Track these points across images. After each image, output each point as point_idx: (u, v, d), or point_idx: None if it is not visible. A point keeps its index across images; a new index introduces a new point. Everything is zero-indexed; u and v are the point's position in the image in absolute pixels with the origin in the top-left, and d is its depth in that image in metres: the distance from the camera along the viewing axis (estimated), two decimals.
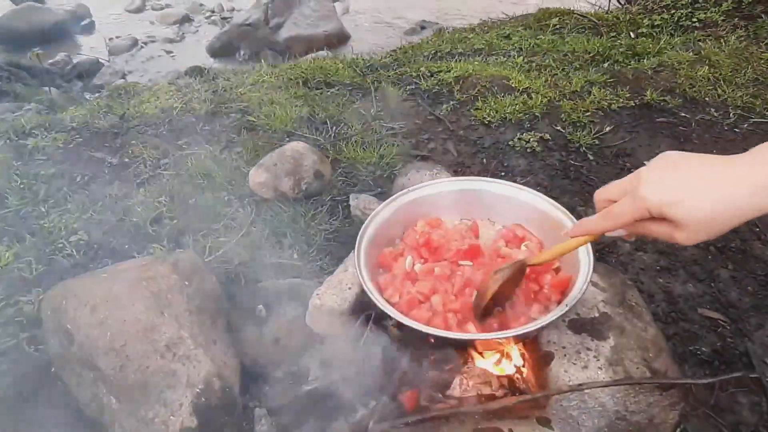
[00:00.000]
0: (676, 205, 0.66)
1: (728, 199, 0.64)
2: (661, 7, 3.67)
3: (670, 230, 0.69)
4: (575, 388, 1.13)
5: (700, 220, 0.65)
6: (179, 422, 1.05)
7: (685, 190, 0.66)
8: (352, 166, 2.11)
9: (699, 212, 0.65)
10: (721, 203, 0.64)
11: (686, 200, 0.65)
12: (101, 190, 2.06)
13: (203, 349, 1.13)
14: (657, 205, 0.68)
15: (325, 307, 1.30)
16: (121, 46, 6.74)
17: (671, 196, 0.67)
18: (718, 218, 0.64)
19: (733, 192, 0.64)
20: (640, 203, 0.69)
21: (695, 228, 0.66)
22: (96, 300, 1.11)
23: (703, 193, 0.65)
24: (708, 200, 0.64)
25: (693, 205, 0.65)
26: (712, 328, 1.59)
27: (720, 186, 0.64)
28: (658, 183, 0.69)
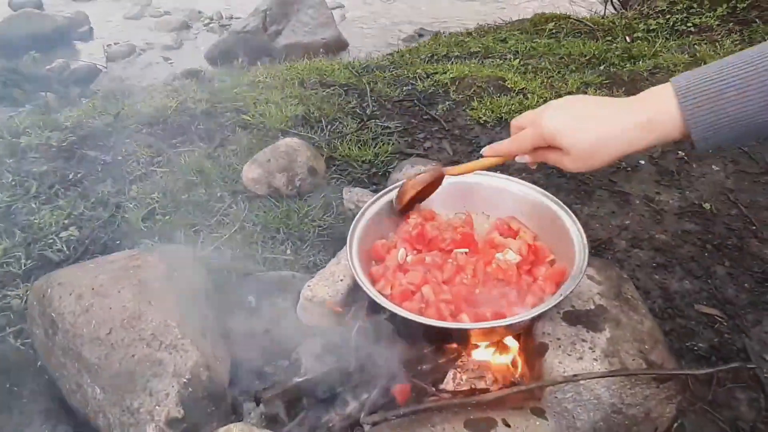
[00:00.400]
0: (564, 134, 0.79)
1: (604, 135, 0.76)
2: (656, 12, 3.70)
3: (560, 157, 0.82)
4: (570, 379, 1.11)
5: (582, 150, 0.78)
6: (165, 412, 1.02)
7: (575, 123, 0.79)
8: (346, 163, 2.10)
9: (581, 143, 0.78)
10: (599, 137, 0.77)
11: (573, 132, 0.79)
12: (93, 187, 2.04)
13: (191, 339, 1.11)
14: (550, 134, 0.81)
15: (317, 299, 1.28)
16: (119, 52, 6.76)
17: (562, 127, 0.80)
18: (597, 150, 0.77)
19: (609, 129, 0.76)
20: (538, 130, 0.83)
21: (577, 156, 0.79)
22: (82, 288, 1.09)
23: (588, 128, 0.78)
24: (591, 134, 0.77)
25: (577, 137, 0.78)
26: (708, 324, 1.57)
27: (603, 123, 0.77)
28: (555, 116, 0.82)
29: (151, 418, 1.02)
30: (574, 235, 1.30)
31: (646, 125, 0.74)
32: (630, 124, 0.75)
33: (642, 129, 0.74)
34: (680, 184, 2.10)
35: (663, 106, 0.72)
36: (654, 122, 0.73)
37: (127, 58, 6.71)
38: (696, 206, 2.00)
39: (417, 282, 1.26)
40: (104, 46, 6.78)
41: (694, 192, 2.07)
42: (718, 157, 2.24)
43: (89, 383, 1.07)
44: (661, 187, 2.08)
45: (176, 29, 7.32)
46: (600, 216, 1.94)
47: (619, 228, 1.89)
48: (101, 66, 6.28)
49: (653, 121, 0.73)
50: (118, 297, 1.08)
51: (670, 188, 2.08)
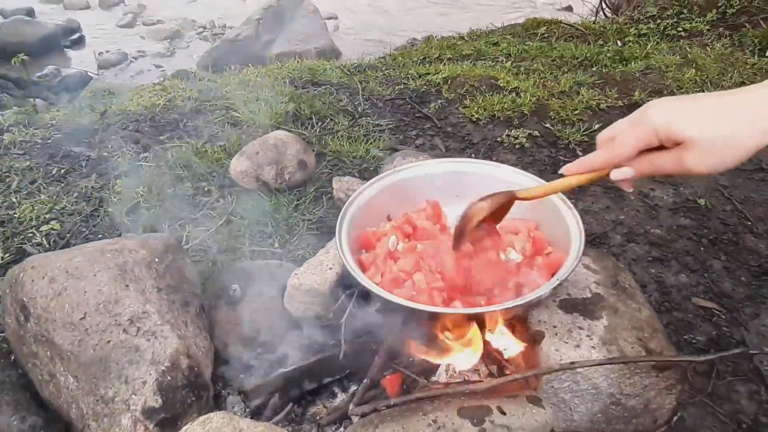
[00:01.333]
0: (685, 123, 0.62)
1: (737, 120, 0.61)
2: (647, 17, 3.72)
3: (678, 156, 0.64)
4: (567, 367, 1.06)
5: (713, 141, 0.61)
6: (141, 401, 0.97)
7: (695, 111, 0.63)
8: (337, 159, 2.06)
9: (712, 132, 0.61)
10: (730, 124, 0.61)
11: (697, 118, 0.62)
12: (77, 183, 1.99)
13: (171, 326, 1.06)
14: (665, 125, 0.64)
15: (304, 287, 1.24)
16: (110, 60, 6.73)
17: (680, 116, 0.63)
18: (729, 139, 0.61)
19: (742, 112, 0.61)
20: (646, 126, 0.65)
21: (707, 148, 0.62)
22: (55, 271, 1.03)
23: (711, 114, 0.62)
24: (716, 120, 0.61)
25: (705, 126, 0.61)
26: (706, 317, 1.54)
27: (727, 109, 0.62)
28: (666, 107, 0.66)
29: (126, 408, 0.97)
30: (570, 221, 1.26)
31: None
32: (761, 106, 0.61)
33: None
34: (674, 181, 2.08)
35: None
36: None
37: (118, 65, 6.68)
38: (691, 202, 1.97)
39: (408, 269, 1.21)
40: (96, 53, 6.75)
41: (689, 188, 2.05)
42: None
43: (62, 372, 1.01)
44: (655, 183, 2.06)
45: (169, 37, 7.31)
46: (594, 211, 1.91)
47: (614, 223, 1.86)
48: (92, 73, 6.24)
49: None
50: (93, 280, 1.03)
51: (664, 184, 2.06)
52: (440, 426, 0.97)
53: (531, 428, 1.01)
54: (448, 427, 0.97)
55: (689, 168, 0.64)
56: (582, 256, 1.19)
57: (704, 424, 1.25)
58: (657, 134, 0.65)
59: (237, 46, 6.66)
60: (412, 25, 7.26)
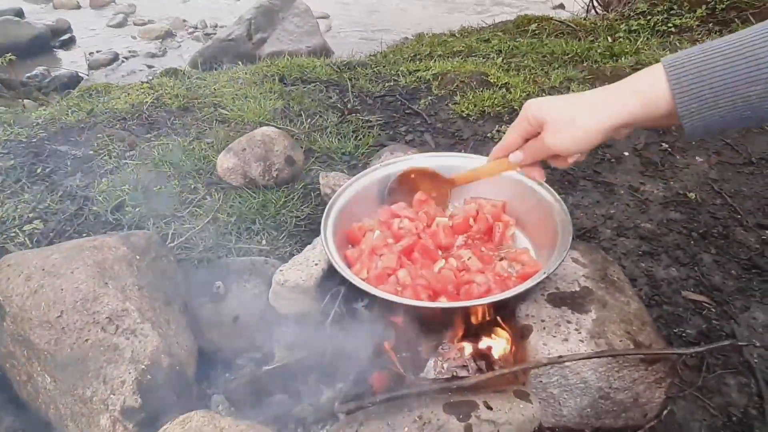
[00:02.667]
0: (546, 110, 0.82)
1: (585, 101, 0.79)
2: (637, 13, 3.73)
3: (540, 137, 0.84)
4: (555, 361, 1.05)
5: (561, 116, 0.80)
6: (120, 401, 0.95)
7: (553, 101, 0.83)
8: (326, 155, 2.05)
9: (560, 109, 0.81)
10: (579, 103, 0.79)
11: (552, 106, 0.82)
12: (62, 181, 1.96)
13: (151, 324, 1.04)
14: (533, 113, 0.84)
15: (290, 284, 1.22)
16: (101, 60, 6.67)
17: (543, 106, 0.83)
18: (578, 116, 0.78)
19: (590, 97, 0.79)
20: (523, 115, 0.86)
21: (558, 124, 0.80)
22: (31, 269, 1.01)
23: (564, 103, 0.82)
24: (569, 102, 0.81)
25: (557, 109, 0.81)
26: (696, 310, 1.53)
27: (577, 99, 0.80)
28: (536, 101, 0.85)
29: (105, 408, 0.94)
30: (558, 214, 1.25)
31: (631, 94, 0.74)
32: (613, 92, 0.76)
33: (626, 97, 0.74)
34: (664, 175, 2.07)
35: (650, 79, 0.72)
36: (639, 92, 0.73)
37: (109, 66, 6.63)
38: (681, 196, 1.97)
39: (393, 266, 1.20)
40: (86, 54, 6.69)
41: (679, 182, 2.04)
42: (701, 149, 2.22)
43: (39, 372, 0.99)
44: (645, 178, 2.05)
45: (160, 37, 7.26)
46: (584, 206, 1.90)
47: (604, 217, 1.85)
48: (83, 74, 6.18)
49: (639, 91, 0.73)
50: (70, 277, 1.00)
51: (654, 179, 2.05)
52: (426, 422, 0.96)
53: (518, 423, 1.00)
54: (433, 423, 0.95)
55: (547, 144, 0.82)
56: (570, 249, 1.19)
57: (694, 417, 1.24)
58: (529, 121, 0.85)
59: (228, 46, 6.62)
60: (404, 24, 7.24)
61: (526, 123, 0.86)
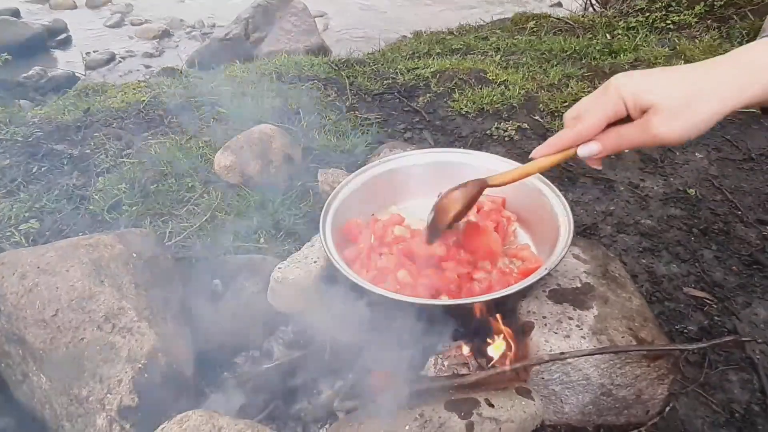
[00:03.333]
0: (651, 90, 0.65)
1: (699, 85, 0.64)
2: (635, 10, 3.72)
3: (645, 123, 0.65)
4: (557, 357, 1.04)
5: (677, 103, 0.63)
6: (117, 401, 0.93)
7: (657, 79, 0.66)
8: (324, 153, 2.03)
9: (674, 94, 0.64)
10: (693, 87, 0.64)
11: (660, 85, 0.65)
12: (58, 180, 1.94)
13: (148, 323, 1.02)
14: (632, 93, 0.65)
15: (288, 281, 1.20)
16: (98, 60, 6.64)
17: (646, 83, 0.65)
18: (694, 102, 0.63)
19: (704, 77, 0.64)
20: (613, 94, 0.67)
21: (672, 112, 0.64)
22: (26, 267, 1.00)
23: (675, 80, 0.65)
24: (680, 85, 0.64)
25: (667, 89, 0.64)
26: (698, 307, 1.52)
27: (690, 75, 0.65)
28: (631, 78, 0.67)
29: (101, 407, 0.93)
30: (559, 210, 1.24)
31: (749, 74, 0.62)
32: (729, 72, 0.63)
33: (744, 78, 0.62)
34: (664, 171, 2.07)
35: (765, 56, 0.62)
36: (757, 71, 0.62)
37: (106, 66, 6.59)
38: (681, 192, 1.96)
39: (392, 266, 1.18)
40: (83, 54, 6.66)
41: (678, 178, 2.03)
42: (701, 145, 2.21)
43: (35, 371, 0.98)
44: (645, 174, 2.05)
45: (157, 37, 7.23)
46: (584, 202, 1.90)
47: (604, 213, 1.85)
48: (80, 74, 6.15)
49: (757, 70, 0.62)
50: (66, 276, 0.99)
51: (654, 175, 2.05)
52: (427, 420, 0.94)
53: (520, 420, 0.98)
54: (434, 420, 0.94)
55: (656, 133, 0.65)
56: (571, 246, 1.17)
57: (697, 414, 1.23)
58: (624, 103, 0.66)
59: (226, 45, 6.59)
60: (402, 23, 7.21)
61: (619, 106, 0.67)
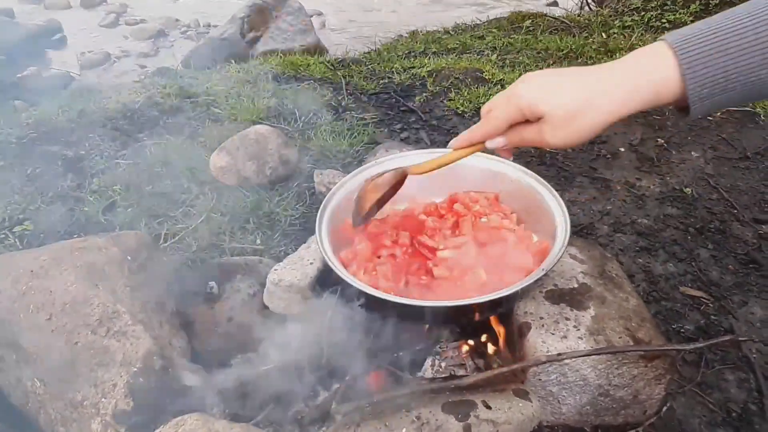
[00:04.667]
0: (543, 100, 0.72)
1: (588, 94, 0.69)
2: (631, 9, 3.72)
3: (539, 129, 0.73)
4: (554, 358, 1.04)
5: (563, 113, 0.70)
6: (112, 405, 0.93)
7: (553, 87, 0.72)
8: (321, 153, 2.03)
9: (563, 104, 0.70)
10: (583, 97, 0.70)
11: (552, 97, 0.71)
12: (53, 182, 1.93)
13: (143, 326, 1.01)
14: (528, 102, 0.73)
15: (284, 283, 1.20)
16: (93, 60, 6.60)
17: (541, 91, 0.73)
18: (581, 112, 0.70)
19: (594, 88, 0.69)
20: (514, 101, 0.75)
21: (560, 121, 0.71)
22: (19, 271, 0.99)
23: (568, 89, 0.71)
24: (571, 94, 0.70)
25: (557, 101, 0.71)
26: (694, 306, 1.52)
27: (584, 83, 0.70)
28: (532, 83, 0.75)
29: (96, 412, 0.92)
30: (556, 211, 1.24)
31: (637, 84, 0.66)
32: (618, 83, 0.67)
33: (632, 88, 0.67)
34: (660, 170, 2.07)
35: (657, 63, 0.65)
36: (646, 81, 0.66)
37: (101, 66, 6.55)
38: (677, 191, 1.96)
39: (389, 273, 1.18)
40: (78, 54, 6.63)
41: (675, 177, 2.03)
42: (697, 144, 2.21)
43: (29, 375, 0.97)
44: (641, 173, 2.05)
45: (152, 37, 7.20)
46: (581, 202, 1.90)
47: (601, 213, 1.85)
48: (74, 74, 6.12)
49: (645, 80, 0.66)
50: (59, 279, 0.98)
51: (650, 174, 2.05)
52: (424, 422, 0.94)
53: (517, 422, 0.98)
54: (431, 423, 0.94)
55: (547, 140, 0.73)
56: (568, 246, 1.17)
57: (694, 413, 1.23)
58: (522, 111, 0.74)
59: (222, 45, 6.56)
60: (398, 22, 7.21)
61: (518, 113, 0.75)
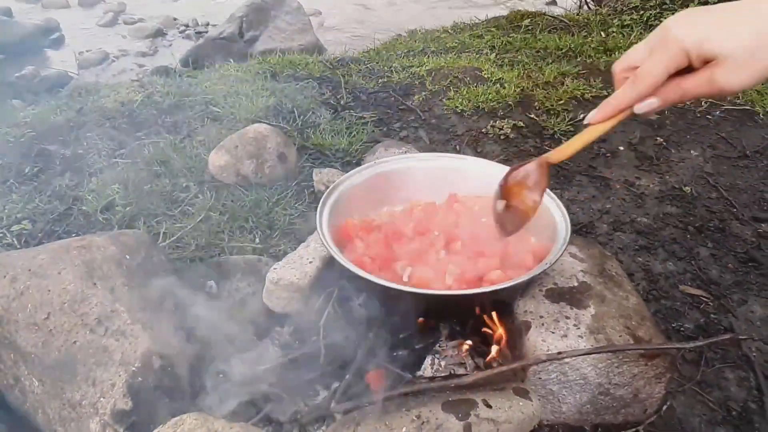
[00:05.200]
0: (714, 38, 0.60)
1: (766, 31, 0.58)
2: (630, 8, 3.72)
3: (709, 75, 0.61)
4: (554, 357, 1.03)
5: (743, 49, 0.59)
6: (110, 404, 0.92)
7: (722, 25, 0.60)
8: (319, 152, 2.02)
9: (740, 40, 0.59)
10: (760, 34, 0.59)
11: (726, 34, 0.60)
12: (51, 181, 1.93)
13: (142, 325, 1.01)
14: (695, 42, 0.61)
15: (284, 282, 1.19)
16: (91, 59, 6.58)
17: (708, 31, 0.60)
18: (762, 47, 0.59)
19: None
20: (674, 46, 0.62)
21: (739, 61, 0.59)
22: (17, 270, 0.98)
23: (742, 27, 0.60)
24: (747, 32, 0.59)
25: (734, 39, 0.59)
26: (694, 304, 1.52)
27: (755, 19, 0.59)
28: (690, 24, 0.62)
29: (94, 412, 0.92)
30: (555, 210, 1.24)
31: None
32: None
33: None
34: (660, 169, 2.07)
35: None
36: None
37: (99, 65, 6.53)
38: (676, 190, 1.96)
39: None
40: (76, 53, 6.61)
41: (674, 176, 2.03)
42: (696, 142, 2.21)
43: (26, 375, 0.96)
44: (640, 172, 2.05)
45: (151, 36, 7.18)
46: (580, 200, 1.89)
47: (600, 212, 1.84)
48: (73, 73, 6.11)
49: None
50: (57, 278, 0.98)
51: (649, 173, 2.05)
52: (424, 421, 0.94)
53: (518, 421, 0.98)
54: (432, 422, 0.93)
55: (722, 85, 0.61)
56: (568, 244, 1.17)
57: (694, 412, 1.23)
58: (688, 55, 0.62)
59: (220, 44, 6.55)
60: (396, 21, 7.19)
61: (681, 59, 0.62)
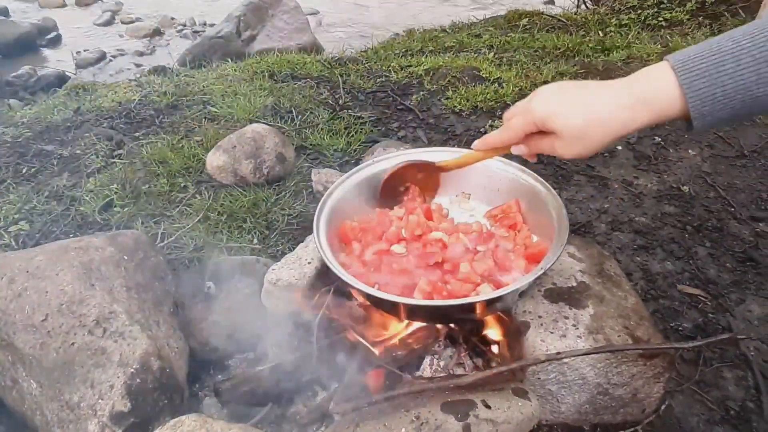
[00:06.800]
0: (555, 116, 0.77)
1: (596, 115, 0.74)
2: (627, 8, 3.73)
3: (552, 142, 0.80)
4: (553, 357, 1.03)
5: (573, 131, 0.76)
6: (109, 406, 0.92)
7: (564, 105, 0.77)
8: (317, 152, 2.02)
9: (573, 124, 0.76)
10: (591, 118, 0.75)
11: (564, 113, 0.77)
12: (48, 181, 1.92)
13: (140, 327, 1.01)
14: (541, 117, 0.79)
15: (282, 283, 1.19)
16: (88, 59, 6.57)
17: (553, 109, 0.78)
18: (589, 131, 0.75)
19: (601, 109, 0.74)
20: (529, 116, 0.81)
21: (570, 138, 0.77)
22: (14, 271, 0.98)
23: (578, 109, 0.76)
24: (580, 114, 0.75)
25: (568, 119, 0.76)
26: (692, 304, 1.52)
27: (592, 103, 0.75)
28: (546, 100, 0.80)
29: (93, 413, 0.92)
30: (554, 209, 1.24)
31: (642, 103, 0.72)
32: (624, 103, 0.73)
33: (637, 107, 0.72)
34: (658, 169, 2.07)
35: (660, 83, 0.71)
36: (650, 99, 0.72)
37: (97, 64, 6.52)
38: (674, 189, 1.96)
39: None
40: (73, 52, 6.59)
41: (672, 176, 2.04)
42: (694, 142, 2.22)
43: (24, 377, 0.96)
44: (639, 172, 2.05)
45: (148, 35, 7.16)
46: (579, 200, 1.89)
47: (599, 211, 1.85)
48: (70, 73, 6.09)
49: (649, 98, 0.72)
50: (55, 279, 0.97)
51: (648, 172, 2.05)
52: (423, 422, 0.94)
53: (517, 421, 0.98)
54: (431, 423, 0.93)
55: (559, 153, 0.80)
56: (566, 244, 1.17)
57: (692, 411, 1.23)
58: (535, 123, 0.81)
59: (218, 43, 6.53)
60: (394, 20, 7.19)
61: (533, 126, 0.82)
